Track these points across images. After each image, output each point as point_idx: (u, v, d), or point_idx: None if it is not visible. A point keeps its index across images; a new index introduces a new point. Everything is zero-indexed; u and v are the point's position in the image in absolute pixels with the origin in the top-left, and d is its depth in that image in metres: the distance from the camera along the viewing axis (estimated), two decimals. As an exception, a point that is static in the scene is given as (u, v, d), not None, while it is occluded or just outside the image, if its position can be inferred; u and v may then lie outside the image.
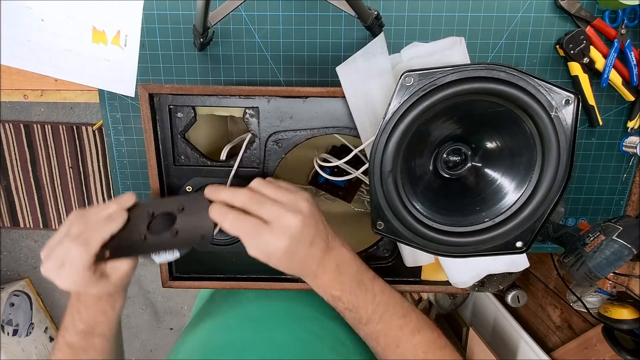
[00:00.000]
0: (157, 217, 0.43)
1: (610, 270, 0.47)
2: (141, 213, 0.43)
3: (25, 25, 0.55)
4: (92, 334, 0.45)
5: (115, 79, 0.57)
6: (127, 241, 0.41)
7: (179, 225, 0.43)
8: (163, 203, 0.45)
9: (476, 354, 1.16)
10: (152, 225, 0.43)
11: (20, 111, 1.68)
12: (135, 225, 0.42)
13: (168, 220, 0.43)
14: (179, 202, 0.44)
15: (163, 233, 0.42)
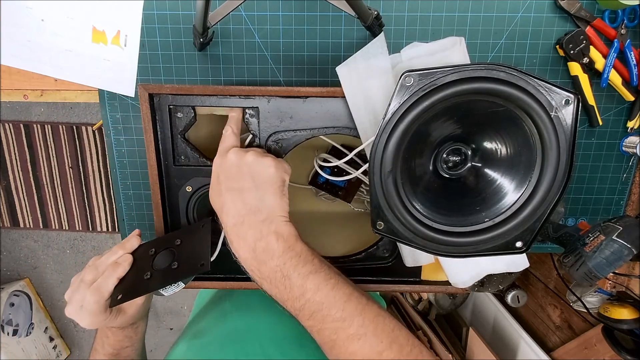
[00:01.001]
0: (159, 254, 0.47)
1: (610, 270, 0.47)
2: (144, 253, 0.47)
3: (25, 25, 0.55)
4: (119, 355, 0.51)
5: (115, 79, 0.57)
6: (135, 282, 0.45)
7: (177, 258, 0.46)
8: (163, 240, 0.49)
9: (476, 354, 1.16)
10: (154, 263, 0.46)
11: (20, 111, 1.68)
12: (140, 266, 0.46)
13: (168, 255, 0.47)
14: (176, 237, 0.48)
15: (165, 268, 0.45)
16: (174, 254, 0.46)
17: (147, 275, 0.45)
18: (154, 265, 0.46)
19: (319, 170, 0.55)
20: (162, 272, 0.45)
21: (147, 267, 0.45)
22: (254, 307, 0.57)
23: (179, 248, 0.47)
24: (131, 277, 0.46)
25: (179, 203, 0.51)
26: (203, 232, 0.47)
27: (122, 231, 0.66)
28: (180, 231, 0.50)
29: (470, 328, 1.20)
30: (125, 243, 0.48)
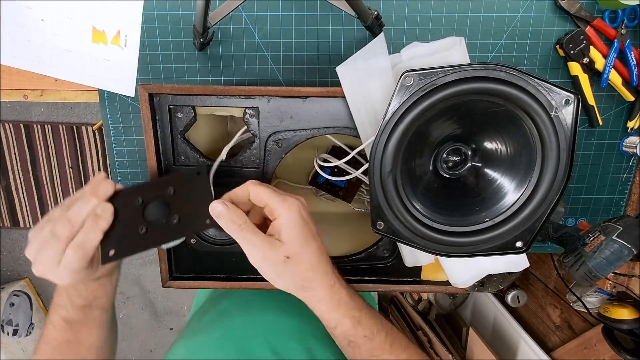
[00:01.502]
0: (149, 204, 0.41)
1: (610, 270, 0.47)
2: (129, 203, 0.40)
3: (25, 25, 0.55)
4: (91, 307, 0.45)
5: (115, 79, 0.57)
6: (129, 237, 0.40)
7: (177, 210, 0.40)
8: (148, 188, 0.41)
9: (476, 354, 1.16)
10: (147, 215, 0.40)
11: (20, 111, 1.68)
12: (127, 218, 0.40)
13: (162, 206, 0.41)
14: (165, 185, 0.41)
15: (163, 223, 0.40)
16: (169, 205, 0.41)
17: (142, 230, 0.40)
18: (146, 217, 0.40)
19: (319, 170, 0.55)
20: (160, 227, 0.40)
21: (138, 220, 0.40)
22: (254, 305, 0.57)
23: (173, 198, 0.41)
24: (120, 230, 0.40)
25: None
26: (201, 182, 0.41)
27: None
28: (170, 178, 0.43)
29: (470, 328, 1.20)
30: (97, 188, 0.39)
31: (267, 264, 0.39)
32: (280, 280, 0.40)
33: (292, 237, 0.38)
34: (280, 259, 0.38)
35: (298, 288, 0.40)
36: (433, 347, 1.26)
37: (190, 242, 0.53)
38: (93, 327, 0.46)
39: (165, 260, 0.53)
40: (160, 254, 0.52)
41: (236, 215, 0.38)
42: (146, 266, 1.89)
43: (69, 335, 0.45)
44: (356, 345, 0.42)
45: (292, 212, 0.38)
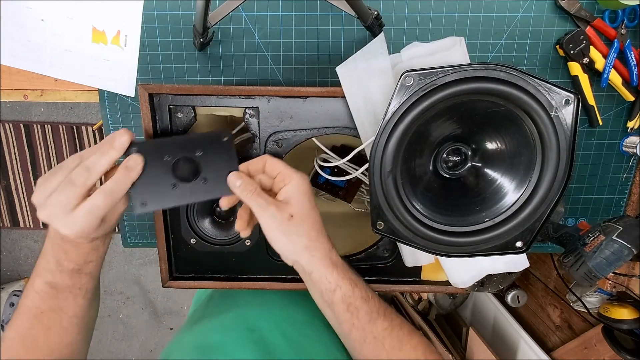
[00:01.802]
0: (178, 162, 0.43)
1: (610, 270, 0.47)
2: (157, 157, 0.42)
3: (25, 25, 0.55)
4: (80, 273, 0.43)
5: (115, 79, 0.57)
6: (160, 191, 0.42)
7: (205, 172, 0.43)
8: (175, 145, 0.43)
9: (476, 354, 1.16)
10: (176, 172, 0.42)
11: (20, 111, 1.68)
12: (155, 172, 0.42)
13: (190, 166, 0.43)
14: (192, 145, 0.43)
15: (192, 181, 0.43)
16: (197, 166, 0.43)
17: (174, 186, 0.42)
18: (175, 174, 0.42)
19: (319, 170, 0.55)
20: (189, 186, 0.43)
21: (167, 176, 0.42)
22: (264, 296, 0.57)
23: (200, 160, 0.43)
24: (151, 183, 0.42)
25: (179, 203, 0.51)
26: (227, 148, 0.43)
27: (122, 231, 0.66)
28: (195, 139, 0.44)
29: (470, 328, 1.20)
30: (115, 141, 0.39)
31: (274, 223, 0.41)
32: (286, 239, 0.42)
33: (300, 200, 0.42)
34: (286, 216, 0.41)
35: (302, 248, 0.42)
36: (433, 347, 1.26)
37: (190, 242, 0.53)
38: (79, 295, 0.44)
39: (165, 260, 0.53)
40: (161, 254, 0.52)
41: (249, 184, 0.42)
42: (146, 266, 1.89)
43: (52, 302, 0.42)
44: (355, 308, 0.43)
45: (303, 180, 0.42)
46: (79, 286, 0.44)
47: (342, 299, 0.43)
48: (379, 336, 0.43)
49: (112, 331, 1.98)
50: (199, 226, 0.52)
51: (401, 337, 0.44)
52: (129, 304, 1.95)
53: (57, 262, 0.42)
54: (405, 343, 0.44)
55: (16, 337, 0.42)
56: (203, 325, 0.52)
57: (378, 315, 0.43)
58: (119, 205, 0.41)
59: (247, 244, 0.53)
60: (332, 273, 0.42)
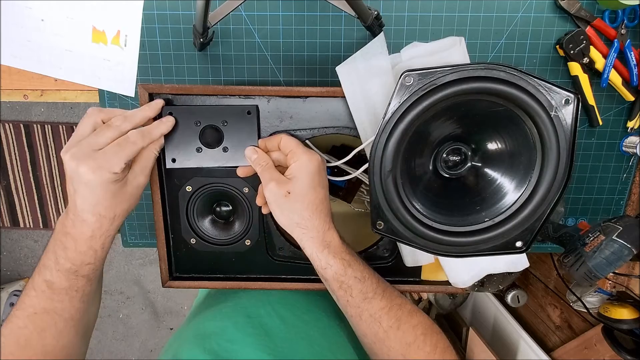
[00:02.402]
0: (206, 129, 0.46)
1: (610, 270, 0.47)
2: (186, 118, 0.46)
3: (25, 25, 0.55)
4: (77, 274, 0.42)
5: (115, 79, 0.57)
6: (187, 152, 0.46)
7: (227, 141, 0.47)
8: (204, 112, 0.46)
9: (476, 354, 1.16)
10: (202, 137, 0.46)
11: (20, 111, 1.68)
12: (188, 135, 0.46)
13: (216, 134, 0.47)
14: (219, 114, 0.46)
15: (216, 148, 0.46)
16: (221, 134, 0.46)
17: (198, 150, 0.46)
18: (202, 139, 0.46)
19: (319, 170, 0.55)
20: (212, 152, 0.47)
21: (194, 140, 0.46)
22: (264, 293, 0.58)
23: (225, 129, 0.46)
24: (180, 144, 0.46)
25: (178, 203, 0.51)
26: (249, 120, 0.47)
27: (122, 231, 0.66)
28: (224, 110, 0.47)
29: (470, 328, 1.20)
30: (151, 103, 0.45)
31: (274, 196, 0.43)
32: (281, 214, 0.44)
33: (301, 178, 0.43)
34: (283, 192, 0.43)
35: (294, 224, 0.44)
36: (433, 347, 1.26)
37: (190, 242, 0.53)
38: (75, 297, 0.43)
39: (165, 260, 0.52)
40: (160, 254, 0.52)
41: (262, 159, 0.45)
42: (146, 266, 1.89)
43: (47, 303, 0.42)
44: (347, 287, 0.43)
45: (311, 160, 0.43)
46: (75, 288, 0.43)
47: (333, 277, 0.44)
48: (375, 315, 0.44)
49: (112, 331, 1.98)
50: (199, 226, 0.52)
51: (400, 316, 0.44)
52: (129, 304, 1.95)
53: (56, 260, 0.42)
54: (404, 322, 0.44)
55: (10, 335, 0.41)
56: (202, 315, 0.53)
57: (375, 295, 0.44)
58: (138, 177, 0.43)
59: (247, 244, 0.53)
60: (323, 251, 0.43)
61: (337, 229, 0.45)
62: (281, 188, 0.43)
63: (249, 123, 0.46)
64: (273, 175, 0.44)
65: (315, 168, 0.44)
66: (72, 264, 0.42)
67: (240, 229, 0.52)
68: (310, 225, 0.43)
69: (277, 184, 0.43)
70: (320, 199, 0.44)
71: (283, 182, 0.43)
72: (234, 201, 0.52)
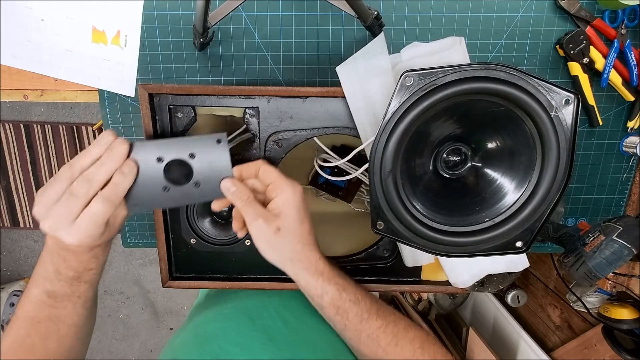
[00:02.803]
0: (171, 165, 0.43)
1: (610, 270, 0.47)
2: (147, 158, 0.42)
3: (25, 25, 0.55)
4: (80, 281, 0.43)
5: (115, 79, 0.57)
6: (152, 194, 0.42)
7: (198, 175, 0.43)
8: (168, 147, 0.43)
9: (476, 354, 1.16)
10: (168, 176, 0.43)
11: (20, 111, 1.68)
12: (147, 174, 0.42)
13: (182, 169, 0.43)
14: (185, 147, 0.43)
15: (184, 184, 0.43)
16: (190, 169, 0.43)
17: (166, 189, 0.42)
18: (167, 177, 0.43)
19: (319, 170, 0.55)
20: (182, 190, 0.43)
21: (159, 178, 0.42)
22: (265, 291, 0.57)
23: (193, 162, 0.43)
24: (144, 185, 0.42)
25: (179, 203, 0.51)
26: (220, 149, 0.43)
27: (122, 231, 0.66)
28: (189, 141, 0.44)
29: (470, 328, 1.20)
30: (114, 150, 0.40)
31: (262, 234, 0.42)
32: (272, 250, 0.44)
33: (290, 213, 0.43)
34: (273, 229, 0.42)
35: (287, 259, 0.44)
36: (433, 347, 1.26)
37: (190, 242, 0.53)
38: (78, 304, 0.44)
39: (165, 260, 0.53)
40: (161, 254, 0.52)
41: (242, 191, 0.43)
42: (146, 266, 1.89)
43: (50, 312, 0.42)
44: (344, 311, 0.44)
45: (295, 192, 0.43)
46: (77, 294, 0.43)
47: (330, 303, 0.44)
48: (373, 334, 0.44)
49: (112, 331, 1.98)
50: (199, 226, 0.52)
51: (396, 333, 0.44)
52: (129, 304, 1.95)
53: (56, 271, 0.42)
54: (401, 338, 0.44)
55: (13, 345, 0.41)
56: (202, 316, 0.53)
57: (370, 315, 0.44)
58: (119, 210, 0.42)
59: (247, 244, 0.53)
60: (318, 280, 0.44)
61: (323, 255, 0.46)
62: (270, 225, 0.42)
63: (221, 153, 0.43)
64: (258, 211, 0.42)
65: (300, 199, 0.43)
66: (75, 271, 0.42)
67: (240, 229, 0.52)
68: (302, 258, 0.43)
69: (265, 221, 0.42)
70: (308, 230, 0.44)
71: (271, 218, 0.42)
72: (234, 201, 0.52)
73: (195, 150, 0.43)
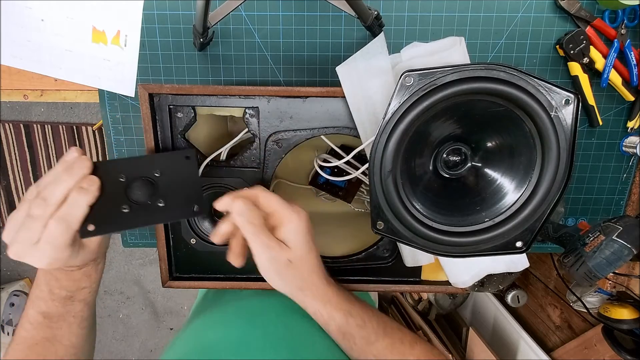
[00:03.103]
0: (133, 183, 0.40)
1: (610, 270, 0.47)
2: (112, 178, 0.39)
3: (25, 25, 0.55)
4: (73, 300, 0.42)
5: (115, 79, 0.57)
6: (111, 214, 0.38)
7: (163, 193, 0.40)
8: (132, 165, 0.40)
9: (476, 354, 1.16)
10: (130, 194, 0.39)
11: (20, 111, 1.68)
12: (109, 194, 0.38)
13: (146, 187, 0.40)
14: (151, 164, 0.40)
15: (148, 204, 0.39)
16: (154, 186, 0.40)
17: (126, 209, 0.39)
18: (129, 196, 0.39)
19: (319, 170, 0.55)
20: (144, 208, 0.39)
21: (121, 198, 0.39)
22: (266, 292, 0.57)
23: (159, 180, 0.40)
24: (102, 206, 0.38)
25: (179, 203, 0.51)
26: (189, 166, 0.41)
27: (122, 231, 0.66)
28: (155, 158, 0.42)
29: (470, 328, 1.20)
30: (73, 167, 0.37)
31: (272, 265, 0.41)
32: (281, 281, 0.42)
33: (300, 244, 0.41)
34: (284, 260, 0.41)
35: (296, 289, 0.43)
36: (433, 347, 1.26)
37: (190, 242, 0.53)
38: (74, 323, 0.43)
39: (165, 260, 0.52)
40: (161, 254, 0.52)
41: (256, 217, 0.40)
42: (146, 266, 1.89)
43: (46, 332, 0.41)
44: (350, 335, 0.43)
45: (301, 220, 0.41)
46: (72, 314, 0.43)
47: (337, 330, 0.43)
48: (379, 355, 0.43)
49: (112, 331, 1.98)
50: (199, 226, 0.52)
51: (403, 351, 0.44)
52: (129, 304, 1.95)
53: (50, 291, 0.41)
54: (407, 355, 0.44)
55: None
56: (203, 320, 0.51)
57: (377, 337, 0.44)
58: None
59: (247, 244, 0.53)
60: (325, 307, 0.43)
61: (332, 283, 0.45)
62: (281, 257, 0.40)
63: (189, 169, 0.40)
64: (270, 242, 0.40)
65: (307, 226, 0.42)
66: (68, 290, 0.42)
67: (240, 229, 0.52)
68: (311, 286, 0.43)
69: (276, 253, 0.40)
70: (318, 257, 0.44)
71: (282, 250, 0.40)
72: (234, 201, 0.52)
73: (162, 168, 0.40)
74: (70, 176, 0.37)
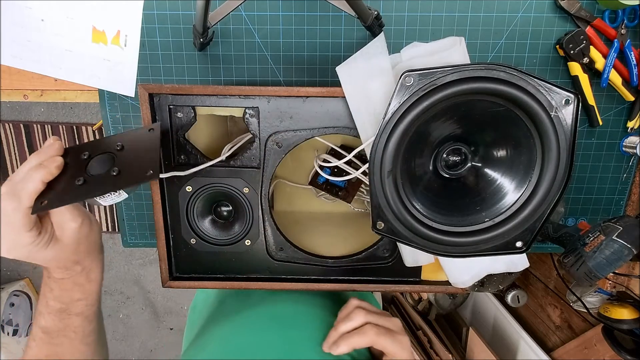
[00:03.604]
0: (94, 158, 0.40)
1: (610, 270, 0.47)
2: (75, 157, 0.40)
3: (25, 25, 0.55)
4: (69, 313, 0.41)
5: (115, 79, 0.57)
6: (65, 189, 0.38)
7: (119, 164, 0.40)
8: (98, 144, 0.41)
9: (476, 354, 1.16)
10: (89, 168, 0.40)
11: (20, 111, 1.68)
12: (71, 172, 0.39)
13: (106, 160, 0.40)
14: (116, 140, 0.41)
15: (102, 175, 0.39)
16: (114, 159, 0.40)
17: (80, 181, 0.38)
18: (88, 170, 0.39)
19: (319, 170, 0.55)
20: (98, 179, 0.39)
21: (79, 173, 0.39)
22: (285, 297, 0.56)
23: (120, 153, 0.41)
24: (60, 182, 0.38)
25: (178, 203, 0.51)
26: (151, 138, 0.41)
27: (122, 231, 0.66)
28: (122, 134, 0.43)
29: (470, 328, 1.20)
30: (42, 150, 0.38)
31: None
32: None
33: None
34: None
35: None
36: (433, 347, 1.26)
37: (190, 242, 0.53)
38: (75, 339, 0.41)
39: (165, 260, 0.52)
40: (160, 254, 0.52)
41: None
42: (146, 266, 1.89)
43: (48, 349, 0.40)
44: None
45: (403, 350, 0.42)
46: (72, 329, 0.41)
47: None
48: None
49: (112, 331, 1.98)
50: (199, 226, 0.52)
51: None
52: (129, 304, 1.95)
53: (46, 304, 0.40)
54: None
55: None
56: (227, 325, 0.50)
57: None
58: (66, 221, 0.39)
59: (247, 244, 0.53)
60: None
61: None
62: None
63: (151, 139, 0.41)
64: None
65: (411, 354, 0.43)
66: (61, 302, 0.40)
67: (240, 229, 0.52)
68: None
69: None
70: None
71: None
72: (234, 201, 0.52)
73: (125, 142, 0.41)
74: (37, 157, 0.37)
